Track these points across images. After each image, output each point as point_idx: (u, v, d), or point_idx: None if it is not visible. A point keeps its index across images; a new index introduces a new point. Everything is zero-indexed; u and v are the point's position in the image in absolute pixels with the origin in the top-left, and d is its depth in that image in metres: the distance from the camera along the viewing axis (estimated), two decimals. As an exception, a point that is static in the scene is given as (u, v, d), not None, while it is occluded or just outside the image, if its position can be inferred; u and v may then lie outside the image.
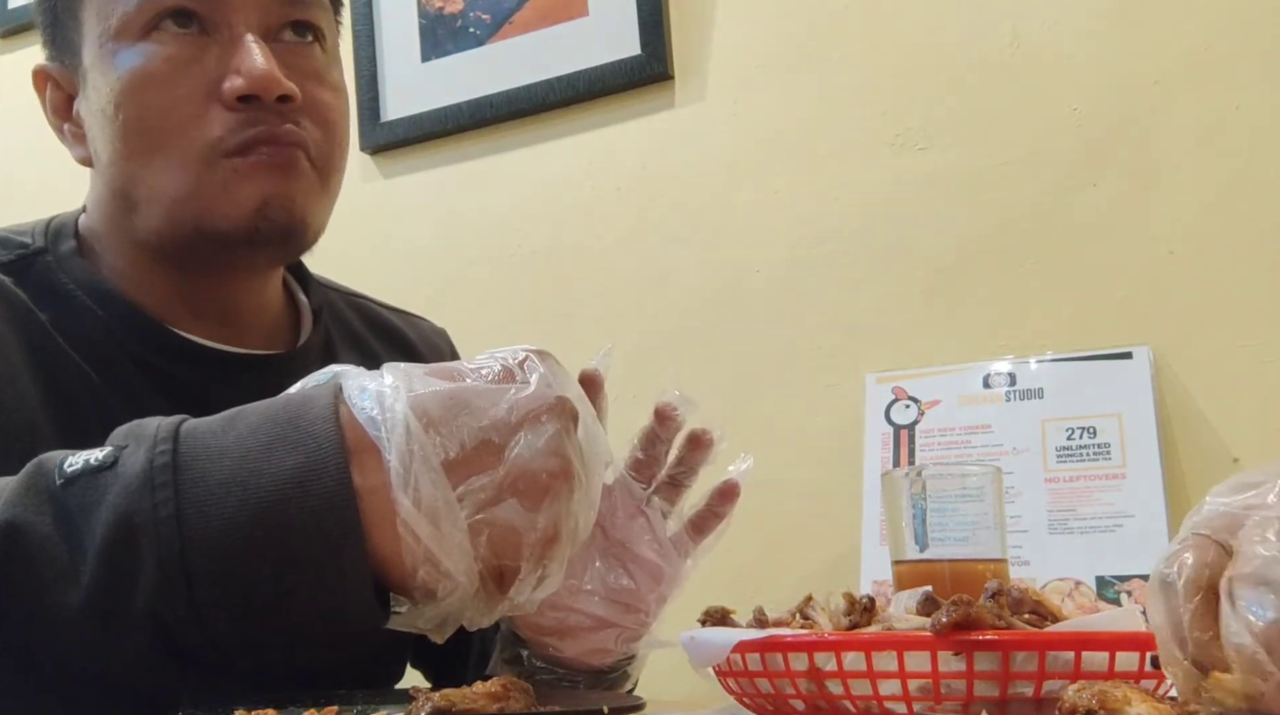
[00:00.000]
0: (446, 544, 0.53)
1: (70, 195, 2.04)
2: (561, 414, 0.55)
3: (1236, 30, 1.21)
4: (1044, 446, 1.18)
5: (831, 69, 1.39)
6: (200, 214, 0.78)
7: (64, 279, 0.82)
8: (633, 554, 0.78)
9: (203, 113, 0.77)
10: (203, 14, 0.78)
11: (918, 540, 0.94)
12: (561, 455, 0.55)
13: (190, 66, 0.77)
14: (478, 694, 0.61)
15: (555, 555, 0.55)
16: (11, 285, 0.79)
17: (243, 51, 0.77)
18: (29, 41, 1.91)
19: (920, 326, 1.31)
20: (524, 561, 0.55)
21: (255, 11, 0.79)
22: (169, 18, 0.77)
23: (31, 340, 0.78)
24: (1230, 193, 1.19)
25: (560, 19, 1.51)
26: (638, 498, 0.80)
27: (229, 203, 0.77)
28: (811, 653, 0.61)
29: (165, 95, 0.77)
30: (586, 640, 0.79)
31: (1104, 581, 1.10)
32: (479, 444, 0.54)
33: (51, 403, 0.77)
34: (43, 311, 0.79)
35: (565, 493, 0.55)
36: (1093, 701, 0.48)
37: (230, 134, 0.77)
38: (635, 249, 1.46)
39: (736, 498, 0.81)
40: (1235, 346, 1.17)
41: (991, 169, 1.30)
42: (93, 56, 0.80)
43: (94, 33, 0.80)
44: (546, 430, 0.54)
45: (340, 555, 0.53)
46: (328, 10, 0.85)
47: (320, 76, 0.82)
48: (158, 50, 0.77)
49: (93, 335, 0.80)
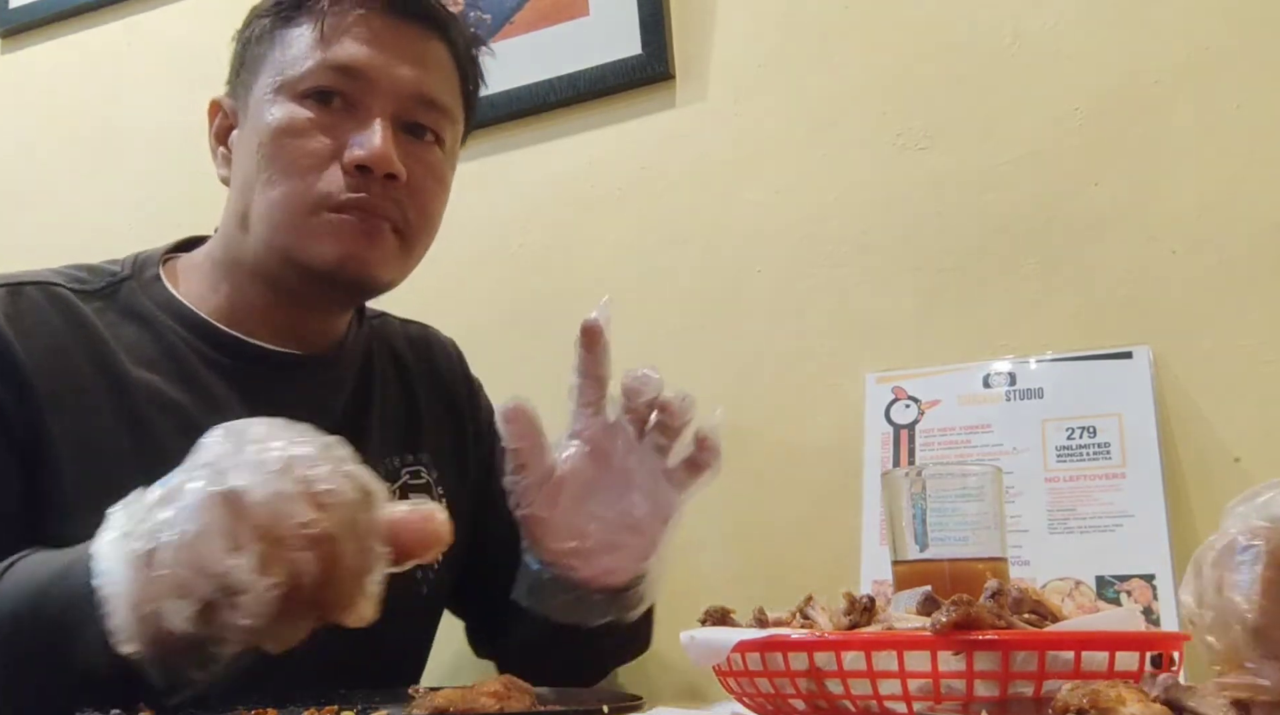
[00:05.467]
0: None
1: (69, 194, 2.04)
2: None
3: (1236, 30, 1.21)
4: (1044, 446, 1.18)
5: (833, 69, 1.39)
6: (293, 249, 0.95)
7: (145, 299, 0.99)
8: (635, 483, 0.90)
9: (323, 170, 0.94)
10: (349, 94, 0.96)
11: (918, 540, 0.94)
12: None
13: (326, 130, 0.95)
14: (478, 694, 0.61)
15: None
16: (89, 313, 0.95)
17: (369, 130, 0.94)
18: (29, 41, 1.91)
19: (920, 326, 1.31)
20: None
21: (391, 104, 0.97)
22: (324, 90, 0.96)
23: (103, 360, 0.93)
24: (1230, 193, 1.19)
25: (561, 19, 1.51)
26: (634, 435, 0.91)
27: (318, 248, 0.94)
28: (811, 652, 0.61)
29: (299, 147, 0.95)
30: (599, 561, 0.90)
31: (1104, 581, 1.10)
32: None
33: (120, 411, 0.91)
34: (127, 327, 0.97)
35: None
36: (1084, 701, 0.48)
37: (337, 193, 0.94)
38: (636, 249, 1.46)
39: (713, 450, 0.91)
40: (1235, 346, 1.17)
41: (992, 169, 1.30)
42: (257, 101, 0.98)
43: (264, 83, 0.98)
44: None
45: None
46: (454, 124, 1.04)
47: (429, 168, 1.00)
48: (305, 112, 0.95)
49: (167, 345, 0.97)
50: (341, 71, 0.96)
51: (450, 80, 1.03)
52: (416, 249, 1.01)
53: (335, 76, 0.96)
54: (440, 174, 1.02)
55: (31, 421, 0.89)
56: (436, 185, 1.01)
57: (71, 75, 1.86)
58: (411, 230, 0.99)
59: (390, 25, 0.98)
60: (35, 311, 0.93)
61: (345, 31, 0.97)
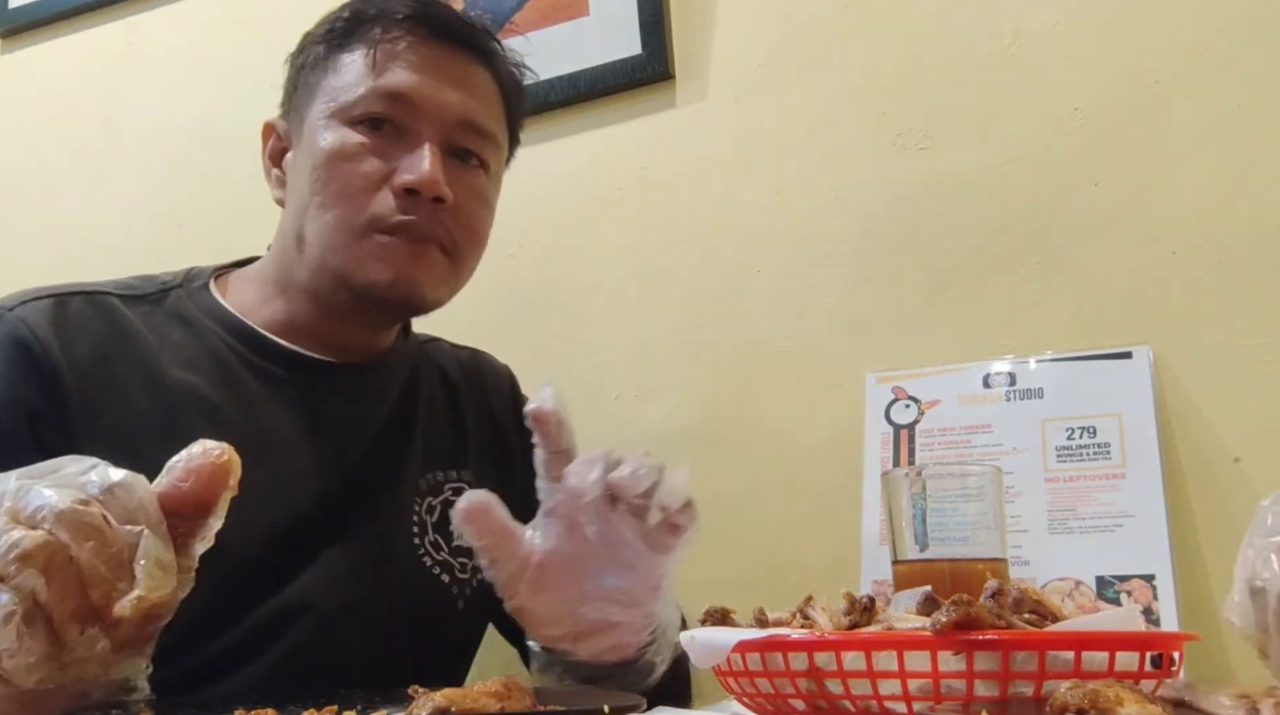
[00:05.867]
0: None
1: (69, 194, 2.04)
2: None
3: (1236, 30, 1.21)
4: (1044, 446, 1.18)
5: (832, 69, 1.39)
6: (346, 270, 0.99)
7: (190, 305, 1.03)
8: (617, 553, 0.82)
9: (374, 192, 0.98)
10: (399, 120, 1.00)
11: (918, 540, 0.94)
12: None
13: (377, 155, 0.99)
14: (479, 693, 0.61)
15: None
16: (134, 318, 0.99)
17: (418, 155, 0.98)
18: (29, 41, 1.91)
19: (920, 326, 1.31)
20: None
21: (439, 129, 1.01)
22: (374, 115, 0.99)
23: (144, 362, 0.97)
24: (1230, 193, 1.19)
25: (561, 19, 1.51)
26: (605, 505, 0.83)
27: (369, 269, 0.98)
28: (811, 652, 0.61)
29: (351, 171, 0.98)
30: (596, 642, 0.85)
31: (1104, 581, 1.10)
32: None
33: (157, 412, 0.94)
34: (171, 330, 1.00)
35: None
36: (1084, 701, 0.48)
37: (388, 215, 0.98)
38: (636, 249, 1.46)
39: (685, 511, 0.82)
40: (1235, 346, 1.17)
41: (992, 169, 1.30)
42: (311, 126, 1.01)
43: (319, 108, 1.01)
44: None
45: None
46: (499, 149, 1.08)
47: (475, 192, 1.04)
48: (357, 137, 0.99)
49: (209, 347, 1.01)
50: (392, 98, 0.99)
51: (495, 106, 1.06)
52: (464, 268, 1.05)
53: (386, 103, 0.99)
54: (485, 197, 1.06)
55: (68, 430, 0.91)
56: (482, 207, 1.06)
57: (71, 75, 1.86)
58: (459, 251, 1.03)
59: (438, 52, 1.02)
60: (80, 319, 0.97)
61: (395, 58, 1.00)
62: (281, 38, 1.73)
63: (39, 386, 0.92)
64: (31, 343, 0.93)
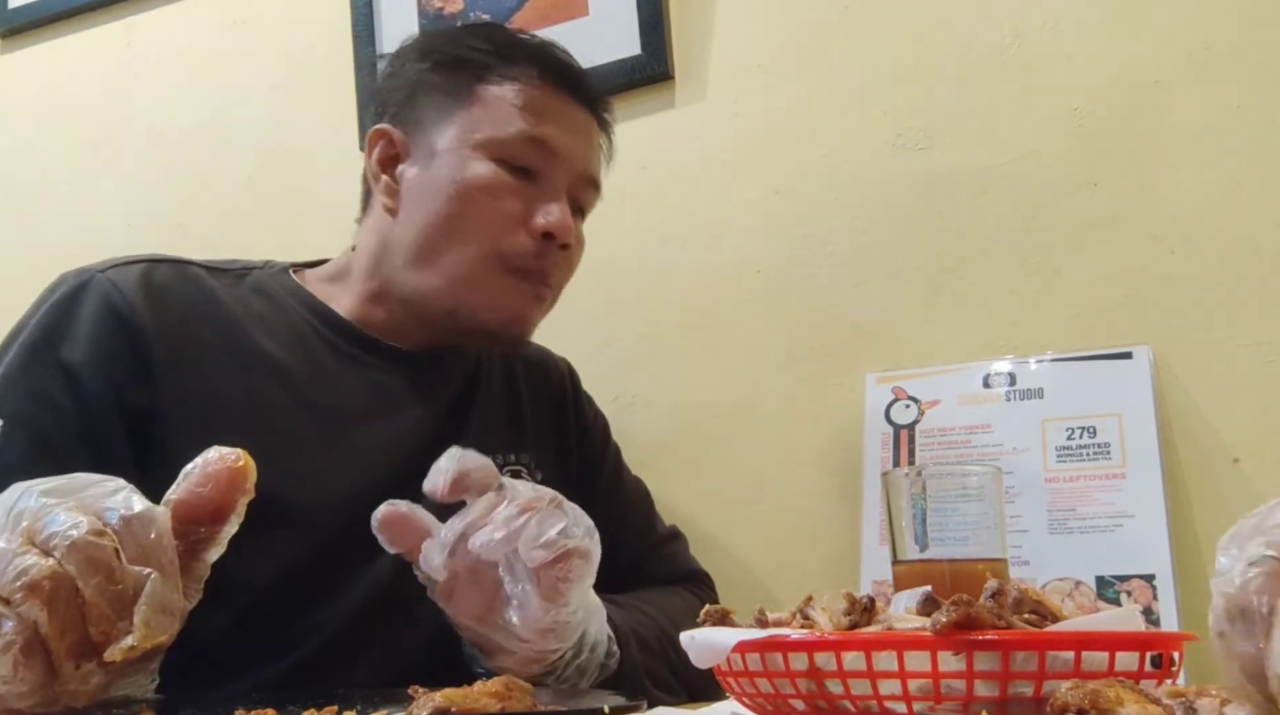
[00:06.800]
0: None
1: (69, 194, 2.03)
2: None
3: (1236, 30, 1.21)
4: (1044, 446, 1.18)
5: (832, 69, 1.39)
6: (470, 300, 1.03)
7: (273, 285, 1.07)
8: (509, 592, 0.81)
9: (511, 232, 1.02)
10: (539, 170, 1.04)
11: (918, 540, 0.94)
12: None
13: (518, 196, 1.02)
14: (479, 693, 0.61)
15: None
16: (219, 288, 1.02)
17: (558, 203, 1.03)
18: (29, 41, 1.91)
19: (920, 326, 1.31)
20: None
21: (570, 181, 1.06)
22: (522, 158, 1.03)
23: (229, 328, 1.00)
24: (1230, 193, 1.19)
25: (560, 19, 1.51)
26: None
27: (491, 306, 1.03)
28: (811, 653, 0.61)
29: (492, 206, 1.01)
30: (500, 658, 0.84)
31: (1104, 581, 1.10)
32: None
33: (238, 378, 0.97)
34: (255, 301, 1.04)
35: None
36: (1084, 701, 0.48)
37: (521, 256, 1.02)
38: (635, 248, 1.46)
39: (453, 492, 0.80)
40: (1235, 346, 1.17)
41: (991, 169, 1.30)
42: (448, 147, 1.04)
43: (458, 131, 1.04)
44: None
45: None
46: (599, 200, 1.13)
47: (580, 238, 1.09)
48: (502, 174, 1.02)
49: (290, 321, 1.04)
50: (540, 145, 1.03)
51: (601, 162, 1.13)
52: (557, 301, 1.11)
53: (534, 148, 1.03)
54: (582, 239, 1.10)
55: (153, 393, 0.93)
56: (581, 251, 1.10)
57: (71, 75, 1.86)
58: (559, 288, 1.09)
59: (576, 107, 1.07)
60: (167, 285, 0.99)
61: (545, 107, 1.05)
62: (281, 38, 1.74)
63: (128, 348, 0.94)
64: (120, 305, 0.95)
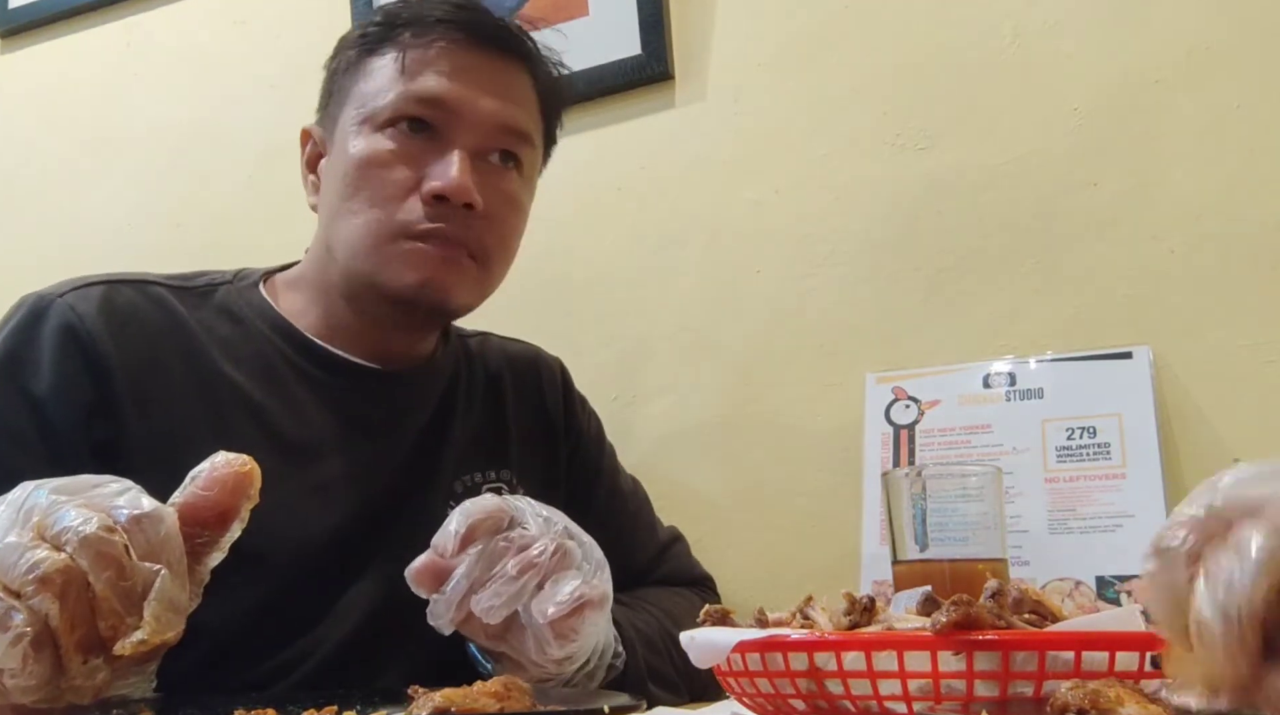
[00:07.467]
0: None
1: (69, 194, 2.03)
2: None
3: (1236, 30, 1.21)
4: (1044, 446, 1.18)
5: (832, 69, 1.39)
6: (375, 275, 0.98)
7: (240, 303, 1.03)
8: (526, 622, 0.79)
9: (404, 199, 0.98)
10: (430, 125, 0.99)
11: (918, 540, 0.94)
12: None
13: (408, 162, 0.98)
14: (479, 693, 0.61)
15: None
16: (183, 310, 0.99)
17: (447, 161, 0.97)
18: (29, 41, 1.91)
19: (920, 326, 1.31)
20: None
21: (472, 135, 0.99)
22: (406, 121, 0.99)
23: (195, 356, 0.97)
24: (1230, 193, 1.19)
25: (560, 19, 1.51)
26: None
27: (399, 275, 0.98)
28: (811, 653, 0.61)
29: (382, 178, 0.98)
30: (516, 671, 0.82)
31: (1104, 581, 1.10)
32: None
33: (205, 408, 0.95)
34: (220, 324, 1.01)
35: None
36: (1085, 701, 0.48)
37: (417, 222, 0.97)
38: (635, 248, 1.46)
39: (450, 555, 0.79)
40: (1235, 346, 1.17)
41: (991, 169, 1.30)
42: (343, 132, 1.01)
43: (350, 113, 1.01)
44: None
45: None
46: (534, 149, 1.06)
47: (507, 196, 1.02)
48: (389, 143, 0.99)
49: (257, 347, 1.01)
50: (422, 103, 0.99)
51: (531, 108, 1.05)
52: (494, 273, 1.05)
53: (416, 107, 0.99)
54: (517, 201, 1.05)
55: (118, 422, 0.91)
56: (513, 212, 1.04)
57: (71, 75, 1.86)
58: (488, 256, 1.02)
59: (472, 56, 1.01)
60: (130, 309, 0.96)
61: (428, 64, 1.00)
62: (281, 38, 1.74)
63: (90, 377, 0.91)
64: (81, 332, 0.92)
